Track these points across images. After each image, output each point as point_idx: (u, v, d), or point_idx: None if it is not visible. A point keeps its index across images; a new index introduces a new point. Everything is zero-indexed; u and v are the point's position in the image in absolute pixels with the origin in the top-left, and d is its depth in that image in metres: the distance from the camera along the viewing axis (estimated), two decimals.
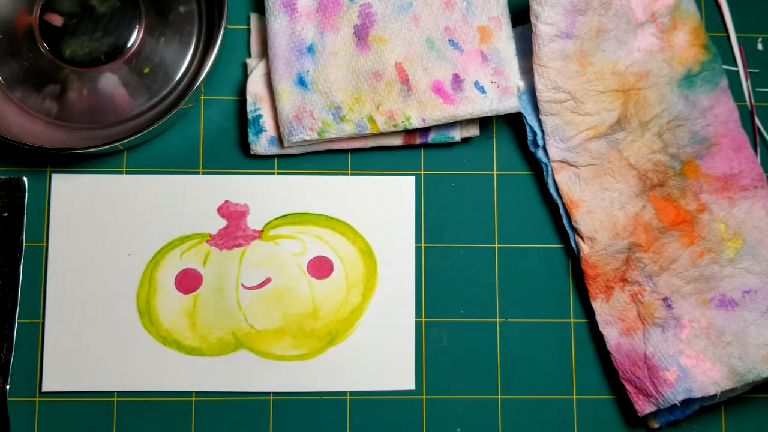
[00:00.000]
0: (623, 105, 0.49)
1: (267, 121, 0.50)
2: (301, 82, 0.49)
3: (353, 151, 0.52)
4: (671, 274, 0.49)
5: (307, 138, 0.49)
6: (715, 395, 0.48)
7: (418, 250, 0.51)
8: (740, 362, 0.48)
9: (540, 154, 0.50)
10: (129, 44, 0.50)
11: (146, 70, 0.51)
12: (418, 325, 0.51)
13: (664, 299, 0.49)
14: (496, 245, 0.52)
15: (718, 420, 0.51)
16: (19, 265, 0.50)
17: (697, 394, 0.47)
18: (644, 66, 0.50)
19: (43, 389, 0.49)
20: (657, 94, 0.50)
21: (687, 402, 0.49)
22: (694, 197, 0.50)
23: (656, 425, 0.50)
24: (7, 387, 0.49)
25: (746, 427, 0.51)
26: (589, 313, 0.51)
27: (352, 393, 0.50)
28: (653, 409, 0.48)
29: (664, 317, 0.49)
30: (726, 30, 0.54)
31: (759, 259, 0.49)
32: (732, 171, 0.50)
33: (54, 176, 0.50)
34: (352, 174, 0.52)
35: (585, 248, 0.49)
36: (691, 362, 0.48)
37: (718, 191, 0.50)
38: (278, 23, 0.49)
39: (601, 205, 0.49)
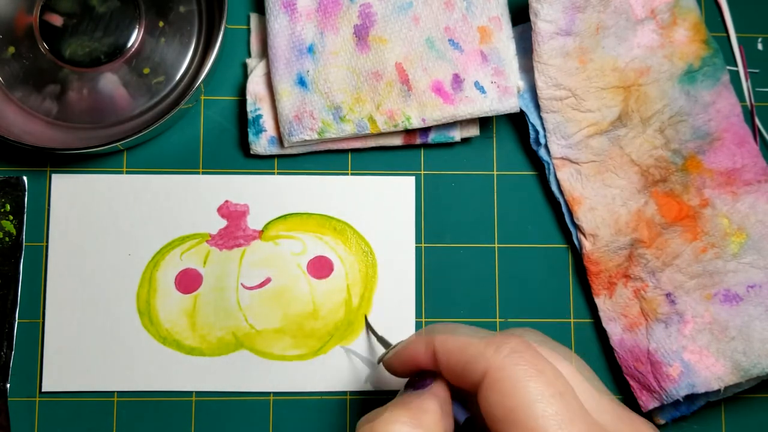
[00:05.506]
0: (624, 101, 0.49)
1: (267, 121, 0.50)
2: (301, 82, 0.49)
3: (353, 151, 0.52)
4: (674, 269, 0.49)
5: (307, 138, 0.49)
6: (719, 391, 0.48)
7: (418, 250, 0.51)
8: (744, 357, 0.47)
9: (542, 152, 0.50)
10: (129, 44, 0.50)
11: (146, 70, 0.51)
12: (418, 325, 0.50)
13: (667, 295, 0.49)
14: (496, 245, 0.52)
15: (719, 420, 0.51)
16: (19, 265, 0.50)
17: (701, 390, 0.47)
18: (645, 62, 0.50)
19: (43, 389, 0.49)
20: (658, 90, 0.50)
21: (692, 397, 0.48)
22: (696, 192, 0.50)
23: (662, 421, 0.49)
24: (8, 386, 0.49)
25: (746, 426, 0.51)
26: (591, 311, 0.51)
27: (351, 393, 0.50)
28: (657, 404, 0.48)
29: (667, 313, 0.49)
30: (726, 30, 0.54)
31: (763, 254, 0.49)
32: (735, 165, 0.50)
33: (54, 176, 0.50)
34: (352, 174, 0.52)
35: (587, 245, 0.49)
36: (695, 358, 0.48)
37: (721, 186, 0.50)
38: (278, 23, 0.49)
39: (603, 201, 0.49)
